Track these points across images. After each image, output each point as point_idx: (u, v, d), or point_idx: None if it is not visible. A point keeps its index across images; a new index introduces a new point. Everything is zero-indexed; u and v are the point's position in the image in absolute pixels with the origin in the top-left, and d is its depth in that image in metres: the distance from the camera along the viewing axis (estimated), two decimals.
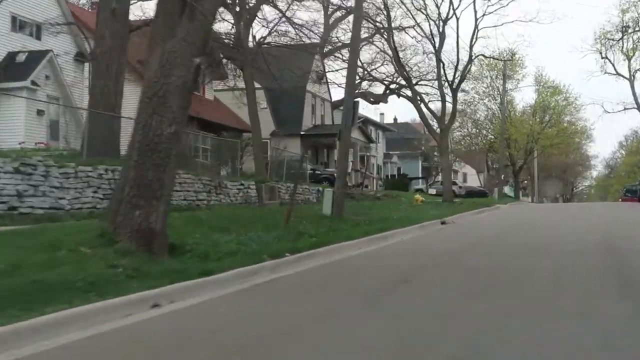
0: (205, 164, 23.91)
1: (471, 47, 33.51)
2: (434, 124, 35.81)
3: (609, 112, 59.65)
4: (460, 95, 61.63)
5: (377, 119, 76.88)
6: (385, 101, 57.41)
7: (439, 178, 73.63)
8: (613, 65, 61.61)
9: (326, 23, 41.99)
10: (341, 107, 58.83)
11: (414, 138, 73.01)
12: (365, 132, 47.33)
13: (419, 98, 34.51)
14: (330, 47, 49.74)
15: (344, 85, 31.17)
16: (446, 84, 33.96)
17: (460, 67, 33.49)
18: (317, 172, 39.42)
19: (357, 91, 58.16)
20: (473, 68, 60.56)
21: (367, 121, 60.65)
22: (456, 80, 33.65)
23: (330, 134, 43.09)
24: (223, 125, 36.44)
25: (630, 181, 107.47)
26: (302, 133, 42.79)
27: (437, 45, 33.26)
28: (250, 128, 38.85)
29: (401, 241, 15.50)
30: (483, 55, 40.53)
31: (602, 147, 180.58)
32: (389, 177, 64.99)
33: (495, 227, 20.55)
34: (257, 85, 43.32)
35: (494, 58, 45.53)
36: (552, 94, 59.60)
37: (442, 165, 34.30)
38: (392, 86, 55.86)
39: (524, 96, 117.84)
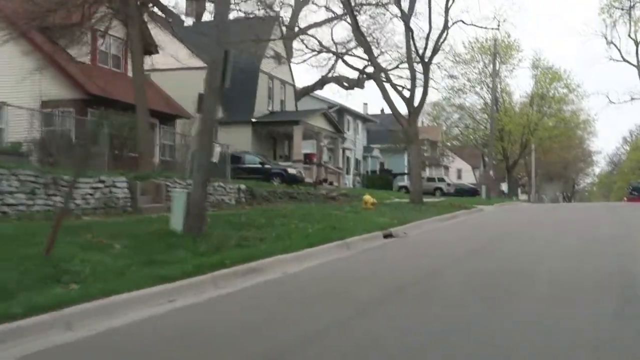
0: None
1: (447, 10, 27.03)
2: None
3: (614, 103, 53.62)
4: (449, 82, 55.49)
5: (359, 109, 70.40)
6: (362, 86, 51.06)
7: (427, 174, 67.26)
8: (619, 51, 55.29)
9: None
10: (312, 94, 52.40)
11: (400, 130, 66.38)
12: (332, 119, 40.83)
13: (383, 75, 28.03)
14: (298, 27, 43.43)
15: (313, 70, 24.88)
16: (417, 57, 27.45)
17: (435, 37, 27.00)
18: (266, 166, 32.98)
19: (328, 75, 51.80)
20: (461, 49, 54.18)
21: (343, 110, 54.17)
22: (428, 53, 27.15)
23: (288, 122, 36.62)
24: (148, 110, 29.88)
25: (635, 178, 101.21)
26: (253, 120, 36.32)
27: (405, 8, 26.78)
28: (187, 113, 32.44)
29: (268, 281, 9.02)
30: (462, 22, 34.06)
31: (606, 142, 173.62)
32: (369, 173, 58.51)
33: (457, 244, 14.14)
34: (201, 63, 36.91)
35: (476, 26, 39.13)
36: (551, 80, 53.07)
37: (410, 157, 27.83)
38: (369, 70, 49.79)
39: (519, 83, 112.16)
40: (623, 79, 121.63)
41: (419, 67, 27.39)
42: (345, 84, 49.30)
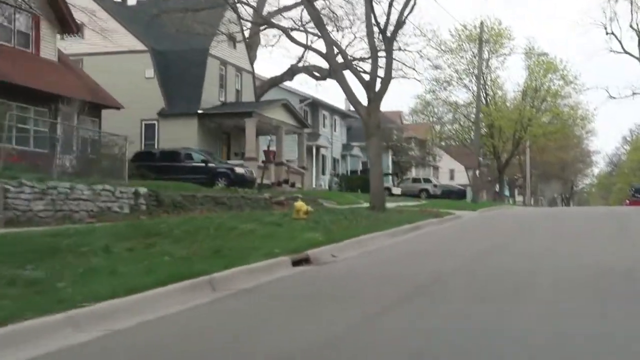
0: None
1: None
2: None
3: (614, 98, 47.56)
4: (434, 72, 50.50)
5: (340, 104, 65.25)
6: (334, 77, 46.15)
7: (413, 174, 62.40)
8: (620, 42, 50.39)
9: None
10: (282, 86, 47.33)
11: (385, 127, 61.38)
12: (294, 111, 35.84)
13: (336, 50, 23.10)
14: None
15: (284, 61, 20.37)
16: (379, 34, 22.54)
17: (399, 7, 22.04)
18: (209, 165, 28.04)
19: (298, 64, 46.88)
20: (447, 36, 48.99)
21: (317, 103, 49.24)
22: (391, 27, 22.20)
23: (239, 114, 31.67)
24: (62, 97, 24.90)
25: (637, 179, 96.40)
26: (200, 112, 31.34)
27: None
28: (117, 103, 27.55)
29: None
30: None
31: (605, 141, 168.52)
32: (349, 173, 53.57)
33: (401, 277, 9.17)
34: (141, 46, 32.02)
35: None
36: (545, 71, 48.11)
37: (369, 152, 22.89)
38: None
39: (512, 75, 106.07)
40: (624, 73, 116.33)
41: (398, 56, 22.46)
42: (317, 73, 44.34)
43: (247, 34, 41.89)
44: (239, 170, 27.87)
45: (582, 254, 11.42)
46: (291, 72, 42.96)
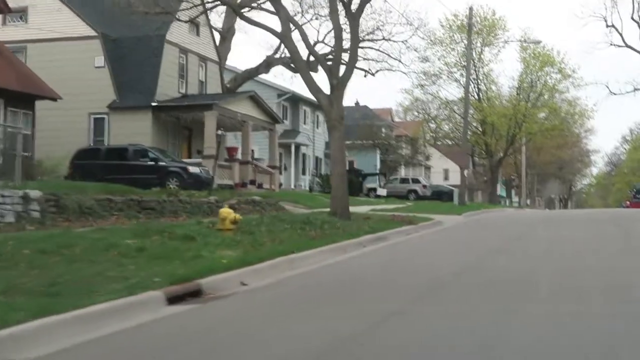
0: None
1: None
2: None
3: (614, 94, 44.33)
4: (422, 65, 47.31)
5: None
6: (316, 70, 42.91)
7: (402, 174, 59.16)
8: (621, 35, 47.22)
9: None
10: (258, 79, 43.98)
11: (372, 125, 58.23)
12: (264, 105, 32.58)
13: (292, 25, 19.83)
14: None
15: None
16: (342, 8, 19.34)
17: None
18: (160, 163, 24.82)
19: (274, 55, 43.67)
20: (436, 26, 45.55)
21: (297, 98, 46.03)
22: (356, 1, 18.98)
23: (197, 106, 28.45)
24: None
25: (637, 180, 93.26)
26: (154, 105, 28.09)
27: None
28: (53, 93, 24.32)
29: None
30: None
31: (604, 141, 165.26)
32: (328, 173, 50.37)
33: (306, 330, 5.91)
34: (90, 32, 28.78)
35: None
36: (542, 64, 44.89)
37: (331, 148, 19.64)
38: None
39: (505, 69, 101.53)
40: (625, 68, 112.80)
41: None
42: (293, 65, 41.16)
43: (220, 23, 38.79)
44: (193, 169, 24.65)
45: (587, 288, 8.12)
46: (267, 64, 39.76)
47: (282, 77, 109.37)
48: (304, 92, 61.98)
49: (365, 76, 44.46)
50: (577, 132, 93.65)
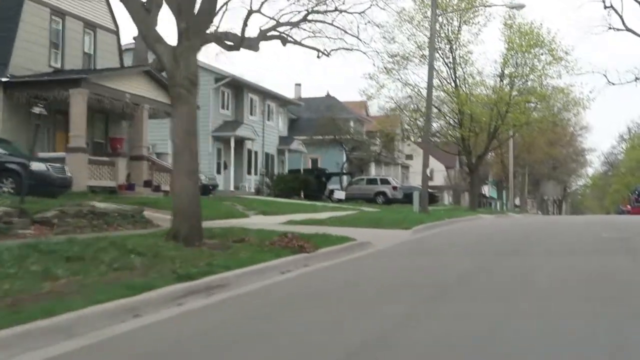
0: None
1: None
2: None
3: (613, 84, 37.15)
4: (390, 47, 40.32)
5: (291, 91, 54.51)
6: (256, 48, 35.86)
7: (373, 173, 52.13)
8: (621, 17, 40.25)
9: None
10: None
11: (336, 117, 51.18)
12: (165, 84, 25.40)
13: None
14: None
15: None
16: None
17: None
18: None
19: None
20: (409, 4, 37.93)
21: (241, 84, 39.03)
22: None
23: (61, 82, 21.32)
24: None
25: (635, 181, 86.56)
26: (5, 80, 20.99)
27: None
28: None
29: None
30: None
31: (600, 139, 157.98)
32: (287, 172, 43.27)
33: None
34: None
35: None
36: (529, 43, 37.92)
37: (173, 130, 12.55)
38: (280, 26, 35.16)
39: (488, 50, 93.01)
40: (624, 55, 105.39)
41: None
42: (229, 42, 34.09)
43: None
44: (37, 167, 17.62)
45: None
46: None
47: (225, 58, 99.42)
48: (251, 76, 54.74)
49: (318, 57, 37.42)
50: (572, 130, 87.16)
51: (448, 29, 39.48)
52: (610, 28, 41.50)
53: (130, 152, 23.56)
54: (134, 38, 32.46)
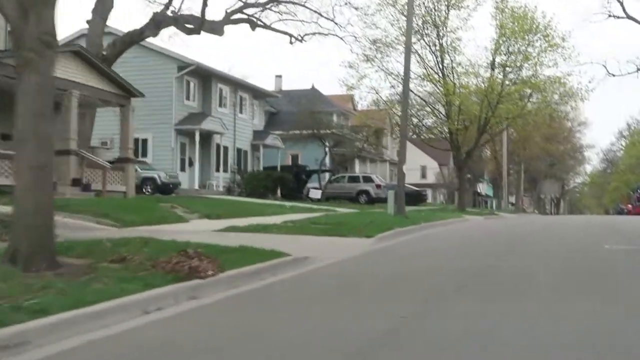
0: None
1: None
2: None
3: (613, 76, 33.93)
4: (371, 32, 37.13)
5: (271, 82, 51.24)
6: (220, 32, 32.69)
7: (357, 170, 48.89)
8: (621, 4, 37.08)
9: None
10: (145, 43, 32.18)
11: (315, 111, 47.88)
12: (104, 70, 22.19)
13: None
14: None
15: None
16: None
17: None
18: None
19: (165, 11, 33.59)
20: None
21: (209, 73, 35.80)
22: None
23: None
24: None
25: (635, 178, 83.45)
26: None
27: None
28: None
29: None
30: None
31: (599, 134, 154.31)
32: (262, 169, 40.01)
33: None
34: None
35: None
36: (522, 29, 34.71)
37: (18, 109, 9.17)
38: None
39: (478, 37, 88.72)
40: (625, 45, 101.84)
41: None
42: (188, 25, 30.92)
43: None
44: None
45: None
46: (155, 24, 29.52)
47: (188, 43, 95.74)
48: (221, 64, 51.39)
49: (291, 42, 34.27)
50: (570, 126, 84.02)
51: (435, 15, 36.28)
52: (610, 16, 38.49)
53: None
54: (88, 22, 29.34)
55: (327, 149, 40.46)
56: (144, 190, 31.69)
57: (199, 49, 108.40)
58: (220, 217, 19.69)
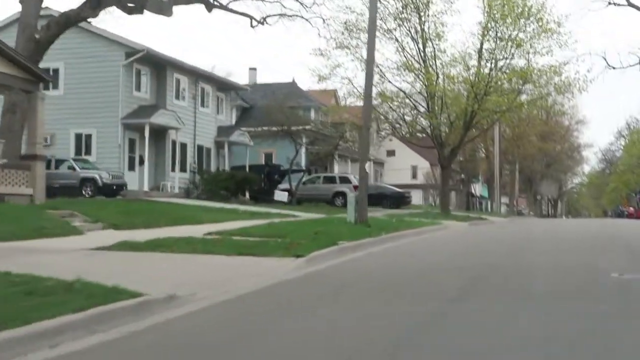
0: None
1: None
2: None
3: (613, 68, 30.11)
4: (342, 16, 33.38)
5: (245, 76, 47.18)
6: (169, 13, 28.85)
7: (336, 170, 45.12)
8: None
9: None
10: (84, 25, 27.71)
11: (296, 107, 44.16)
12: (9, 54, 18.27)
13: None
14: None
15: None
16: None
17: None
18: None
19: None
20: None
21: (163, 61, 31.99)
22: None
23: None
24: None
25: (635, 179, 79.76)
26: None
27: None
28: None
29: None
30: None
31: (597, 133, 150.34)
32: (227, 169, 36.16)
33: None
34: None
35: None
36: (511, 10, 30.90)
37: None
38: None
39: (463, 20, 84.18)
40: (625, 35, 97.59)
41: None
42: (130, 3, 27.11)
43: None
44: None
45: None
46: (94, 3, 25.80)
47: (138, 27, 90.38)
48: (177, 52, 47.42)
49: (252, 26, 30.55)
50: (567, 124, 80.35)
51: None
52: (610, 3, 34.92)
53: None
54: (21, 1, 25.64)
55: (298, 147, 36.60)
56: (83, 192, 27.92)
57: (179, 44, 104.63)
58: (134, 227, 15.98)
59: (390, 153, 69.99)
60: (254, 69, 49.68)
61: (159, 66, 31.82)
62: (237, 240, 13.33)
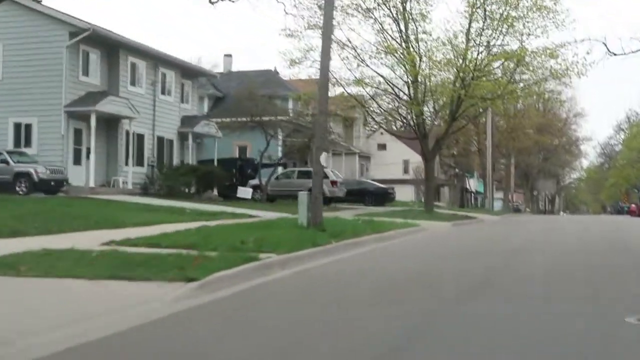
0: None
1: None
2: None
3: (614, 55, 26.61)
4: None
5: (219, 65, 43.59)
6: None
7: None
8: None
9: None
10: (25, 2, 25.18)
11: (275, 96, 41.01)
12: None
13: None
14: None
15: None
16: None
17: None
18: None
19: None
20: None
21: (115, 43, 28.71)
22: None
23: None
24: None
25: (636, 173, 76.78)
26: None
27: None
28: None
29: None
30: None
31: (596, 127, 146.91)
32: (192, 162, 32.93)
33: None
34: None
35: None
36: None
37: None
38: None
39: (453, 6, 79.53)
40: (626, 23, 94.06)
41: None
42: None
43: None
44: None
45: None
46: None
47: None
48: (131, 32, 44.29)
49: (211, 2, 27.32)
50: (565, 117, 77.18)
51: None
52: None
53: None
54: None
55: (269, 139, 33.34)
56: (17, 189, 24.74)
57: (168, 37, 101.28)
58: (23, 235, 12.80)
59: (381, 147, 66.83)
60: (229, 55, 46.35)
61: (111, 49, 28.57)
62: (128, 254, 10.15)
